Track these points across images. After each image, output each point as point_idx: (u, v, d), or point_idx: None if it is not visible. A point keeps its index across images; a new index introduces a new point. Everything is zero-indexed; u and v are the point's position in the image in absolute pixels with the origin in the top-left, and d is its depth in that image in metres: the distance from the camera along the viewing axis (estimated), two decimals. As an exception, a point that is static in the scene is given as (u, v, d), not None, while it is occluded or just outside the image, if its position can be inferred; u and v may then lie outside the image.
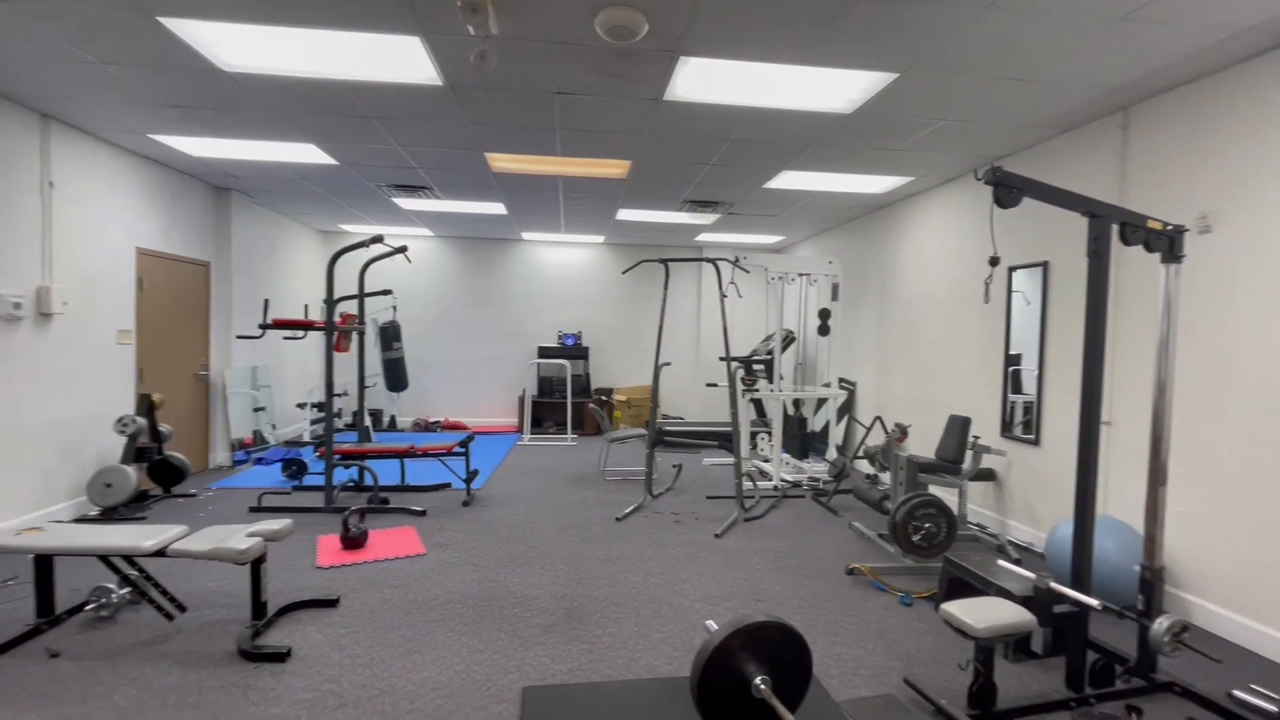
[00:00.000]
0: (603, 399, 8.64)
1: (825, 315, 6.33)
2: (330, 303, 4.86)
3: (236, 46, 3.09)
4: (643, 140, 4.38)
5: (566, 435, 8.32)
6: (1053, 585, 2.41)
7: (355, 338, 8.24)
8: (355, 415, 8.68)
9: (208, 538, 2.80)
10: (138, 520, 4.46)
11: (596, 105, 3.75)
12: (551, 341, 9.22)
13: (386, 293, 6.61)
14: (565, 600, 3.28)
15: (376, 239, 4.85)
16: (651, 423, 5.32)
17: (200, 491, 5.27)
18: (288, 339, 4.91)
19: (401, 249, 5.20)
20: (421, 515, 4.72)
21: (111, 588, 2.96)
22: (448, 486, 5.58)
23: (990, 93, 3.42)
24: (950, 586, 3.15)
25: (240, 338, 5.13)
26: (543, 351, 8.90)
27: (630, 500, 5.30)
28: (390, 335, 7.46)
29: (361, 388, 5.38)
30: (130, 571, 2.99)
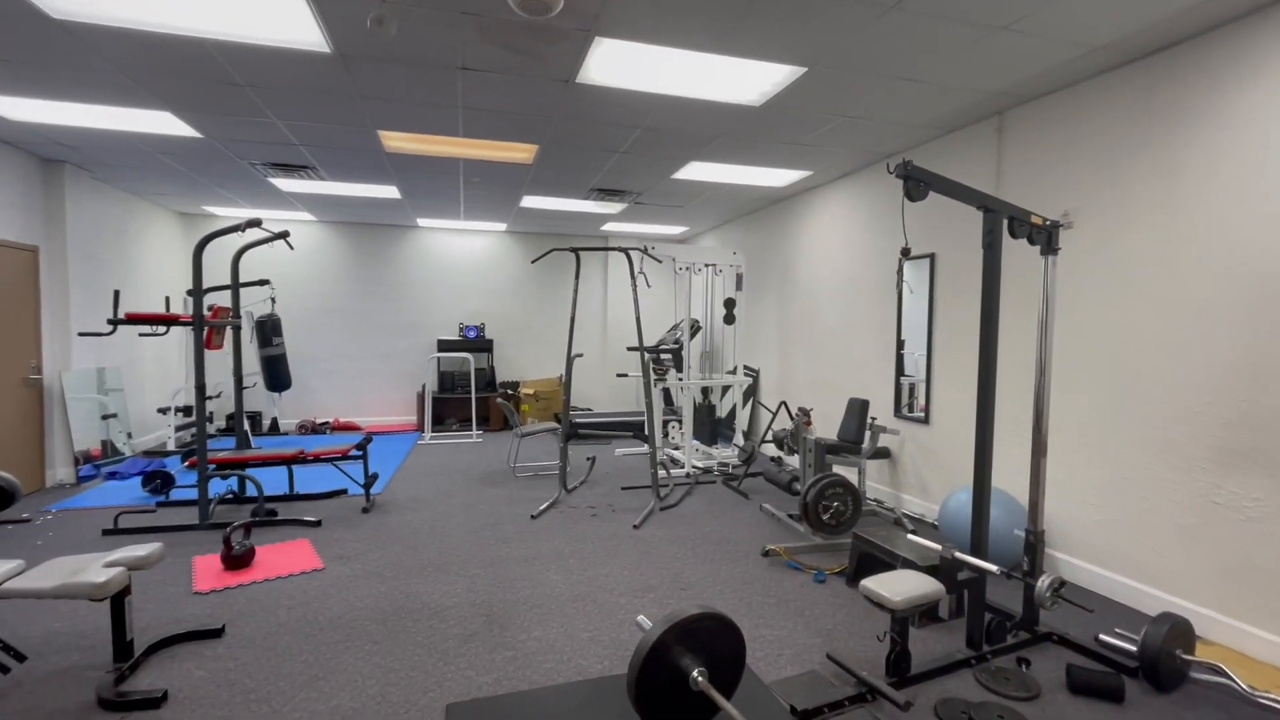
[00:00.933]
0: (509, 393, 8.38)
1: (730, 305, 6.49)
2: (198, 294, 4.31)
3: (70, -10, 2.61)
4: (552, 124, 4.23)
5: (472, 432, 7.99)
6: (957, 554, 2.59)
7: (229, 333, 7.41)
8: (231, 419, 7.86)
9: (53, 572, 2.38)
10: (-47, 554, 3.74)
11: (504, 84, 3.55)
12: (453, 334, 8.80)
13: (264, 283, 5.97)
14: (484, 606, 3.12)
15: (254, 223, 4.35)
16: (565, 415, 5.20)
17: (36, 515, 4.52)
18: (144, 335, 4.30)
19: (283, 234, 4.69)
20: (316, 526, 4.33)
21: (-79, 641, 2.45)
22: (344, 493, 5.17)
23: (886, 91, 3.60)
24: (860, 561, 3.34)
25: (83, 335, 4.42)
26: (443, 345, 8.47)
27: (544, 496, 5.17)
28: (269, 330, 6.76)
29: (239, 388, 4.82)
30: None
